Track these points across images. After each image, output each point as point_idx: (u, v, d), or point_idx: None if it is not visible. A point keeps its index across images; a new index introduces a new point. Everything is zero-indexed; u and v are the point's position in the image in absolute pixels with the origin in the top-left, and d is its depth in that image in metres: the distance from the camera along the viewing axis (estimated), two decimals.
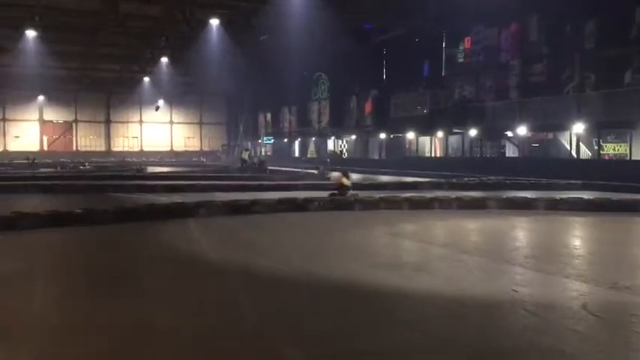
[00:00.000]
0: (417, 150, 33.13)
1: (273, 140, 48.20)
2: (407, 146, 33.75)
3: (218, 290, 5.63)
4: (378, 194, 13.54)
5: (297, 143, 46.25)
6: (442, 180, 19.02)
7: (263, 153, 45.51)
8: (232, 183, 18.97)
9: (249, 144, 47.39)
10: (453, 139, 30.57)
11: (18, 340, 4.08)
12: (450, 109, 28.92)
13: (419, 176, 21.64)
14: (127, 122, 52.87)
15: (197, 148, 53.95)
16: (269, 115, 48.29)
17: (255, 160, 32.64)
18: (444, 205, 12.34)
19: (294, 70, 37.04)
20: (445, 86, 30.19)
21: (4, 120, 48.33)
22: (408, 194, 13.55)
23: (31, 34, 32.64)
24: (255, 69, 39.34)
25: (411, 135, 32.40)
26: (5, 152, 45.22)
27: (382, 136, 34.75)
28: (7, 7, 28.07)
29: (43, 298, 5.35)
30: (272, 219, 10.91)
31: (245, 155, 31.76)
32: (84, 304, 5.07)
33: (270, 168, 27.66)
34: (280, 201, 12.11)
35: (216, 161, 44.02)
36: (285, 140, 46.78)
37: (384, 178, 22.24)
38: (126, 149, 51.36)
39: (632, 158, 21.75)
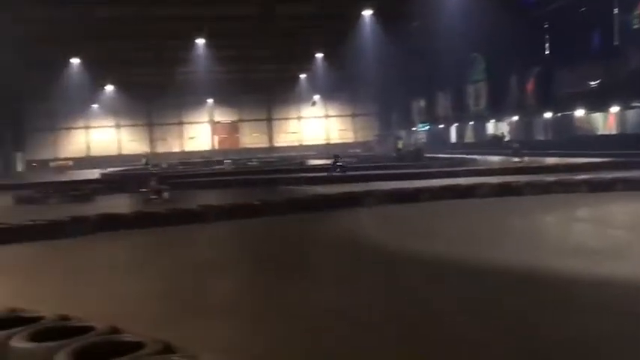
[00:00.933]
0: (587, 128, 30.55)
1: (428, 127, 47.50)
2: (575, 125, 31.30)
3: (399, 277, 5.72)
4: (549, 177, 12.79)
5: (453, 129, 45.09)
6: (621, 159, 17.38)
7: (418, 141, 45.03)
8: (390, 172, 19.10)
9: (403, 132, 47.16)
10: (632, 114, 27.73)
11: (220, 319, 4.51)
12: (626, 81, 26.22)
13: (591, 156, 20.03)
14: (287, 119, 55.51)
15: (351, 140, 54.99)
16: (423, 102, 47.64)
17: (411, 148, 32.40)
18: (629, 186, 11.29)
19: (447, 54, 36.11)
20: (619, 56, 27.44)
21: (181, 123, 53.36)
22: (583, 176, 12.62)
23: (200, 42, 35.60)
24: (408, 56, 39.01)
25: (580, 112, 29.98)
26: (182, 152, 49.86)
27: (547, 115, 32.60)
28: (180, 20, 30.90)
29: (237, 283, 5.86)
30: (439, 206, 10.82)
31: (399, 144, 31.70)
32: (275, 288, 5.46)
33: (427, 155, 27.35)
34: (444, 188, 11.96)
35: (369, 151, 44.50)
36: (441, 126, 45.84)
37: (553, 160, 20.90)
38: (286, 144, 53.98)
39: None
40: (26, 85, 41.06)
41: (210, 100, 52.15)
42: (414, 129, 48.73)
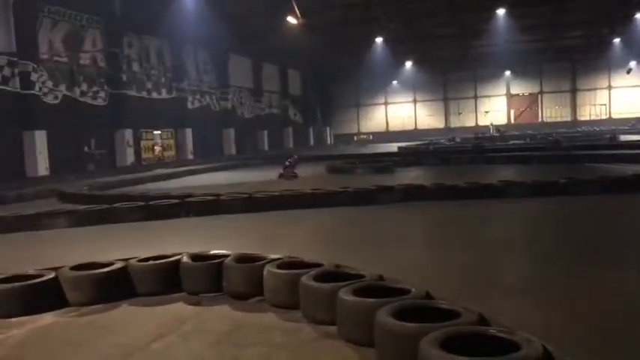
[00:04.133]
0: None
1: None
2: None
3: None
4: None
5: None
6: None
7: None
8: None
9: None
10: None
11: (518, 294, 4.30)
12: None
13: None
14: (594, 89, 50.11)
15: None
16: None
17: None
18: None
19: None
20: None
21: (476, 97, 52.63)
22: None
23: (500, 13, 34.37)
24: None
25: None
26: (477, 127, 49.25)
27: None
28: None
29: (541, 262, 5.53)
30: None
31: None
32: (577, 274, 5.00)
33: None
34: None
35: None
36: None
37: None
38: (593, 118, 48.93)
39: None
40: (336, 66, 45.50)
41: (507, 72, 50.20)
42: None
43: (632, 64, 46.40)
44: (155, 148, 26.08)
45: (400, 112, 53.91)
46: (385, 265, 4.76)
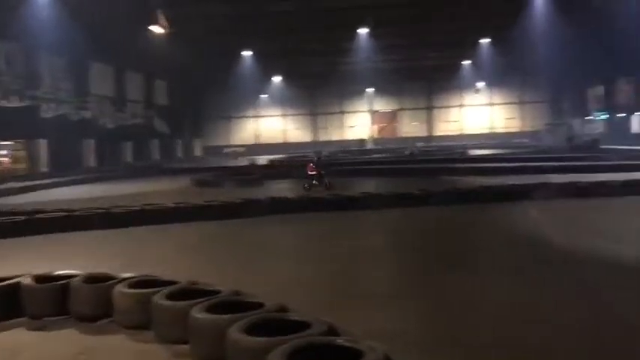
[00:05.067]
0: None
1: (606, 116, 43.35)
2: None
3: (572, 277, 5.30)
4: None
5: (636, 118, 40.63)
6: None
7: (593, 131, 41.32)
8: (563, 164, 17.75)
9: (577, 122, 43.58)
10: None
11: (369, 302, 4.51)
12: None
13: None
14: (448, 107, 54.20)
15: (517, 129, 52.13)
16: (601, 89, 43.51)
17: (586, 138, 29.86)
18: None
19: (633, 34, 32.54)
20: None
21: (342, 112, 54.59)
22: None
23: (363, 32, 35.98)
24: (585, 39, 35.84)
25: None
26: (343, 141, 51.00)
27: None
28: (345, 10, 31.46)
29: (393, 271, 5.83)
30: (618, 202, 9.82)
31: (571, 134, 29.39)
32: (431, 279, 5.34)
33: (603, 147, 25.02)
34: (625, 183, 10.85)
35: (538, 142, 41.80)
36: (621, 115, 41.57)
37: None
38: (447, 133, 52.79)
39: None
40: (205, 78, 44.88)
41: (370, 89, 52.64)
42: (589, 118, 44.79)
43: (480, 84, 50.91)
44: (2, 160, 23.89)
45: (271, 125, 54.48)
46: (248, 279, 4.74)
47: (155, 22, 27.64)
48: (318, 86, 51.66)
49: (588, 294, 4.73)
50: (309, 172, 13.36)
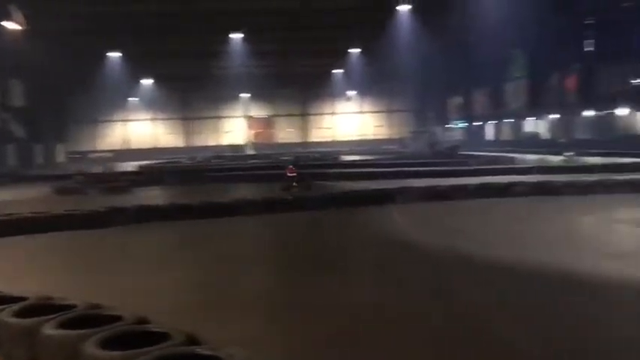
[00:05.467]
0: (631, 128, 29.66)
1: (464, 124, 46.85)
2: (619, 124, 30.41)
3: (426, 274, 5.65)
4: (590, 177, 12.45)
5: (490, 126, 44.36)
6: None
7: (453, 138, 44.46)
8: (425, 169, 18.86)
9: (439, 129, 46.65)
10: None
11: (231, 312, 4.52)
12: None
13: (636, 157, 19.41)
14: (321, 114, 55.57)
15: (386, 136, 54.70)
16: (460, 99, 46.99)
17: (447, 145, 32.02)
18: None
19: (487, 50, 35.49)
20: None
21: (218, 117, 53.91)
22: (626, 177, 12.24)
23: (237, 37, 35.83)
24: (445, 52, 38.50)
25: (623, 111, 29.11)
26: (219, 146, 50.36)
27: (589, 113, 31.75)
28: (218, 14, 31.15)
29: (260, 276, 5.87)
30: (473, 205, 10.64)
31: (433, 141, 31.37)
32: (295, 283, 5.45)
33: (463, 153, 26.96)
34: (480, 186, 11.75)
35: (405, 148, 44.17)
36: (478, 124, 45.16)
37: (594, 160, 20.33)
38: (320, 140, 54.04)
39: None
40: (69, 79, 42.13)
41: (245, 95, 52.52)
42: (449, 126, 48.17)
43: (351, 93, 52.85)
44: None
45: (141, 129, 52.38)
46: (107, 291, 4.52)
47: (9, 18, 25.52)
48: (192, 90, 50.60)
49: (441, 291, 5.06)
50: (289, 174, 13.33)
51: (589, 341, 3.69)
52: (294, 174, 13.30)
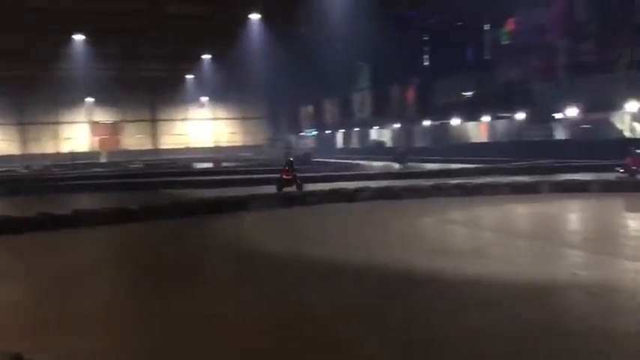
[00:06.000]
0: (462, 136, 32.65)
1: (316, 132, 48.37)
2: (452, 133, 33.32)
3: (276, 280, 5.75)
4: (427, 182, 13.47)
5: (339, 134, 46.27)
6: (491, 166, 18.75)
7: (306, 145, 45.68)
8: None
9: (293, 137, 47.71)
10: (500, 124, 30.03)
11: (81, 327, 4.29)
12: (495, 93, 28.38)
13: (466, 163, 21.38)
14: (173, 120, 54.06)
15: (241, 143, 54.71)
16: (311, 108, 48.45)
17: (300, 152, 32.77)
18: (496, 190, 12.18)
19: (335, 61, 37.01)
20: (489, 70, 29.65)
21: (57, 123, 50.09)
22: (457, 181, 13.43)
23: (79, 38, 33.69)
24: (296, 61, 39.49)
25: (456, 121, 31.96)
26: (58, 154, 46.80)
27: (426, 123, 34.41)
28: (57, 13, 29.06)
29: (107, 289, 5.59)
30: (323, 209, 11.01)
31: (288, 148, 31.98)
32: (145, 293, 5.27)
33: (315, 160, 27.79)
34: (330, 191, 12.19)
35: (260, 155, 44.48)
36: (329, 132, 46.87)
37: (431, 166, 22.06)
38: (173, 147, 52.54)
39: None
40: None
41: (89, 99, 49.46)
42: (302, 134, 49.45)
43: (204, 99, 52.15)
44: None
45: None
46: None
47: None
48: (28, 94, 46.48)
49: (286, 295, 5.18)
50: (285, 177, 13.79)
51: (425, 331, 4.00)
52: (290, 177, 13.84)
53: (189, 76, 48.58)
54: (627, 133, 23.27)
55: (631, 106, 21.84)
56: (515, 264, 6.07)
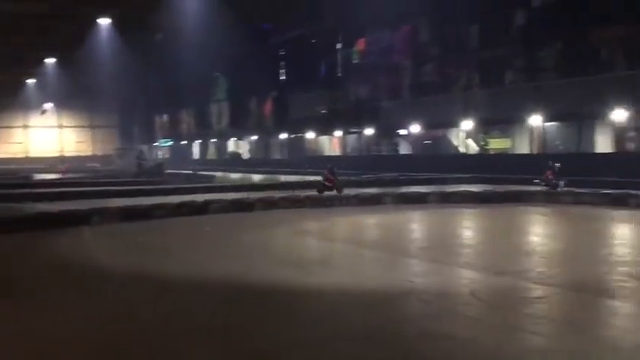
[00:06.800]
0: (317, 149, 33.61)
1: (171, 143, 46.96)
2: (307, 146, 34.16)
3: (113, 296, 5.45)
4: (278, 194, 13.61)
5: (196, 145, 45.36)
6: (345, 178, 19.42)
7: (160, 156, 44.17)
8: (129, 188, 18.23)
9: (145, 147, 45.89)
10: (351, 138, 31.37)
11: None
12: (346, 109, 29.63)
13: (320, 175, 21.89)
14: (10, 127, 49.44)
15: (89, 153, 51.46)
16: (166, 117, 47.02)
17: (152, 163, 31.60)
18: (344, 202, 12.67)
19: (191, 71, 36.30)
20: (341, 86, 30.92)
21: None
22: (309, 193, 13.74)
23: None
24: (150, 70, 38.16)
25: (310, 135, 32.83)
26: None
27: (283, 136, 34.93)
28: None
29: None
30: (171, 223, 10.67)
31: (140, 159, 30.67)
32: None
33: (169, 171, 26.90)
34: (180, 204, 11.84)
35: (109, 166, 42.11)
36: (184, 142, 45.75)
37: (285, 178, 22.35)
38: (10, 156, 47.95)
39: (515, 152, 23.40)
40: None
41: None
42: (156, 144, 47.76)
43: (48, 105, 48.30)
44: None
45: None
46: None
47: None
48: None
49: (120, 311, 4.92)
50: (327, 184, 14.04)
51: (261, 342, 3.99)
52: (331, 184, 14.06)
53: (30, 81, 44.76)
54: (462, 149, 25.48)
55: (465, 124, 23.95)
56: (359, 273, 6.32)
